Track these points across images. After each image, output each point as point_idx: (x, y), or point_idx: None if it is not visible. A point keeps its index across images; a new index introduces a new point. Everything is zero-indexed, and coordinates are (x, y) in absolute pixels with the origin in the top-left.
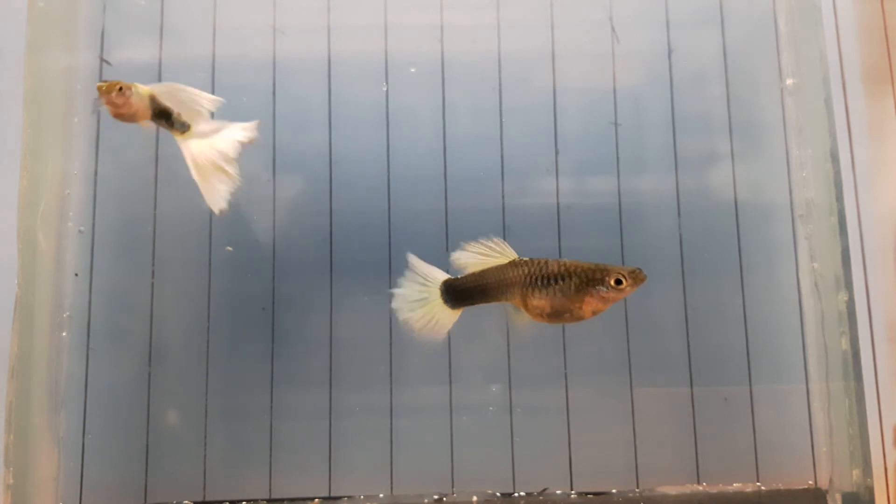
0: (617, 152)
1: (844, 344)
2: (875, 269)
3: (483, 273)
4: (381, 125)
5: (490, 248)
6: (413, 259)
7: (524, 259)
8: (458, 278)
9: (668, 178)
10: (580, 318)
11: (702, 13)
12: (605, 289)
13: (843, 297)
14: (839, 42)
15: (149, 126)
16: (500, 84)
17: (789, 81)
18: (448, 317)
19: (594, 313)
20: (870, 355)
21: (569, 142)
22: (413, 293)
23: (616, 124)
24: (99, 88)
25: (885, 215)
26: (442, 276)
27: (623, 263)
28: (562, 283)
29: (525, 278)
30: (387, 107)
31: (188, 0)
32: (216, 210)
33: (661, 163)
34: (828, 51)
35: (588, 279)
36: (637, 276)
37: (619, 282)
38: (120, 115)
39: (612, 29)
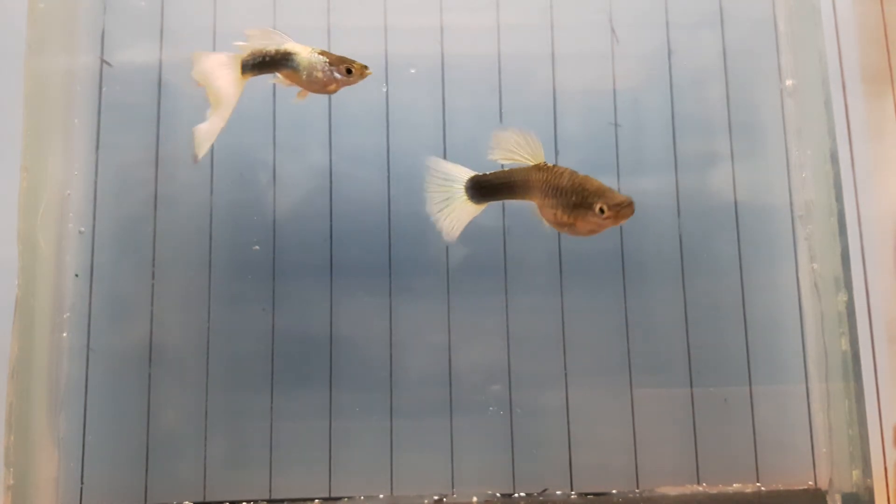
0: (617, 153)
1: (844, 344)
2: (875, 270)
3: (511, 171)
4: (381, 126)
5: (526, 140)
6: (434, 162)
7: (547, 165)
8: (486, 175)
9: (668, 179)
10: (578, 234)
11: (701, 14)
12: (591, 213)
13: (843, 297)
14: (839, 43)
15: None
16: (499, 85)
17: (789, 82)
18: (469, 212)
19: (591, 233)
20: (869, 355)
21: (569, 143)
22: (438, 195)
23: (616, 125)
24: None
25: (885, 215)
26: (466, 173)
27: (623, 265)
28: (564, 197)
29: (542, 184)
30: (387, 108)
31: (189, 1)
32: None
33: (661, 163)
34: (827, 52)
35: (580, 202)
36: (620, 212)
37: (602, 211)
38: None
39: (612, 30)
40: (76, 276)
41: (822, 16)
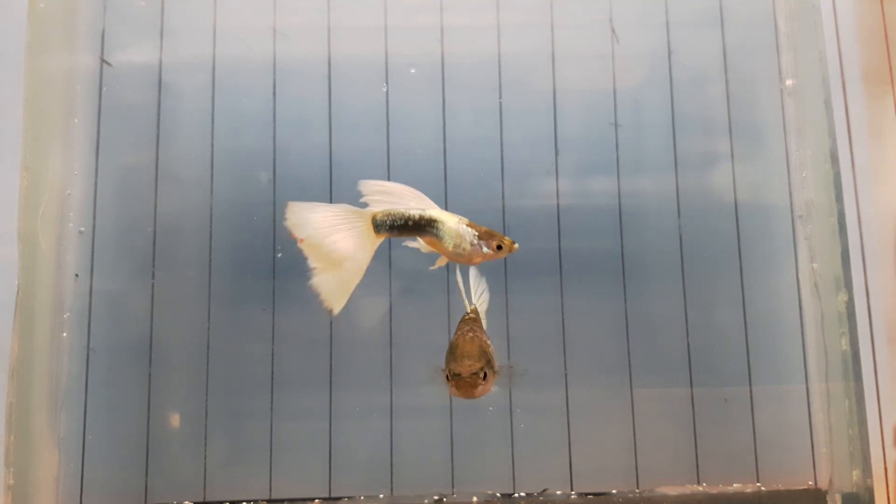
0: (617, 153)
1: (844, 344)
2: (875, 270)
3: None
4: (382, 126)
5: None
6: None
7: None
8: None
9: (668, 179)
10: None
11: (702, 14)
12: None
13: (843, 297)
14: (839, 43)
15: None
16: (500, 85)
17: (789, 82)
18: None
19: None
20: (870, 355)
21: (569, 143)
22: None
23: (616, 125)
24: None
25: (885, 215)
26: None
27: (623, 265)
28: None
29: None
30: (387, 108)
31: (188, 1)
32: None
33: (661, 164)
34: (827, 52)
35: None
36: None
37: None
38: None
39: (612, 30)
40: (76, 276)
41: (822, 16)
